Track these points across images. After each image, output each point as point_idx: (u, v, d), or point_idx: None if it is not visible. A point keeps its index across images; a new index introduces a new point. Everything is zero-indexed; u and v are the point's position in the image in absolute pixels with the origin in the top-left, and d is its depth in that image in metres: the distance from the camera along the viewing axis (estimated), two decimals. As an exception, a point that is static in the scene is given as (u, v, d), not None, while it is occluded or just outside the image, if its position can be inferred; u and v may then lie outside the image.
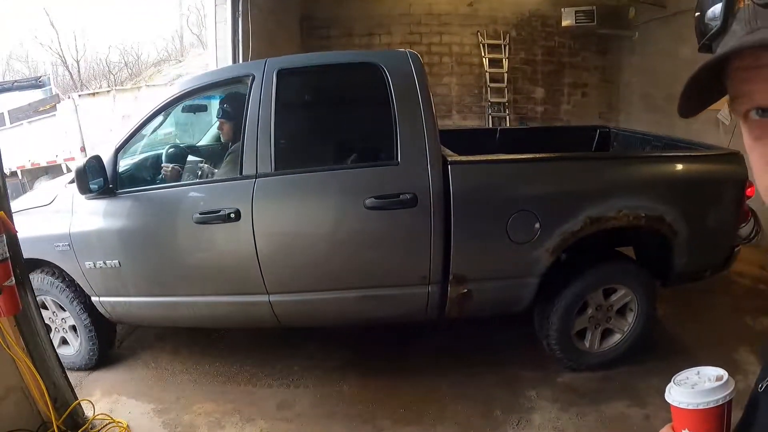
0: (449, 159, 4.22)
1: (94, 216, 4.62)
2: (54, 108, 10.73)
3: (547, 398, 4.53)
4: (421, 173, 4.14)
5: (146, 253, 4.67)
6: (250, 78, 4.43)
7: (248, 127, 4.31)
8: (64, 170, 10.58)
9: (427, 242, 4.19)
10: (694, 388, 1.26)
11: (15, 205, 5.23)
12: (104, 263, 4.61)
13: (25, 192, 11.64)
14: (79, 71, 26.12)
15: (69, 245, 4.66)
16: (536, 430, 4.20)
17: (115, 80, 25.00)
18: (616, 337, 4.76)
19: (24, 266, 3.98)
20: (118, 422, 4.37)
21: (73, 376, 4.67)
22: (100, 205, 4.59)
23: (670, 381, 1.28)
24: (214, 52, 9.16)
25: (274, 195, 4.36)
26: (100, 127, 10.97)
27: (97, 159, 4.44)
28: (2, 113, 11.24)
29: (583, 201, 4.28)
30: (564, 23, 12.43)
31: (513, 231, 4.20)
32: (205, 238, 4.49)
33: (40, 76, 16.36)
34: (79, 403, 4.33)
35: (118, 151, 4.58)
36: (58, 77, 24.95)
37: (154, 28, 49.10)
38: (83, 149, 10.35)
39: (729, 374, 1.26)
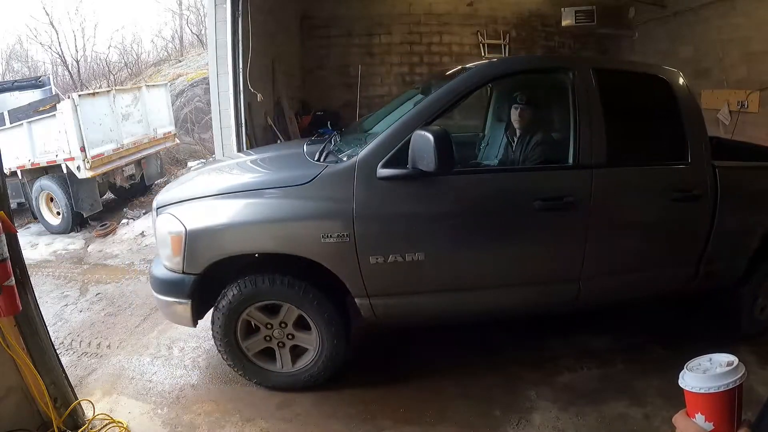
0: (714, 162, 4.74)
1: (398, 201, 4.22)
2: (54, 108, 10.68)
3: (547, 398, 4.54)
4: (703, 173, 4.66)
5: (467, 243, 4.38)
6: (572, 72, 4.60)
7: (581, 118, 4.47)
8: (64, 170, 10.57)
9: (702, 230, 4.74)
10: (706, 373, 1.35)
11: (215, 183, 4.91)
12: (402, 257, 4.22)
13: (25, 192, 11.66)
14: (78, 71, 26.03)
15: (348, 236, 4.12)
16: (536, 430, 4.20)
17: (114, 80, 24.88)
18: None
19: (25, 266, 3.92)
20: (118, 422, 4.36)
21: (73, 376, 4.69)
22: (408, 187, 4.19)
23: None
24: (213, 51, 9.18)
25: (608, 185, 4.50)
26: (100, 127, 10.99)
27: (446, 133, 3.97)
28: (2, 113, 11.22)
29: None
30: (564, 23, 12.49)
31: (745, 220, 4.90)
32: (542, 225, 4.47)
33: (40, 76, 16.31)
34: (79, 403, 4.32)
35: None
36: (58, 77, 24.93)
37: (153, 28, 49.23)
38: (83, 149, 10.31)
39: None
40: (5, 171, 4.64)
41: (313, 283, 4.37)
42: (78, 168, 10.52)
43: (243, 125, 8.90)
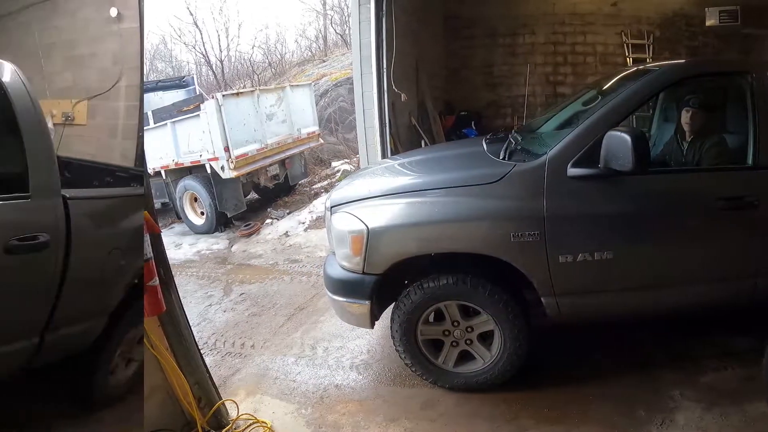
0: None
1: (588, 199, 4.25)
2: (198, 108, 10.86)
3: (690, 398, 4.42)
4: None
5: (655, 241, 4.43)
6: (750, 75, 4.49)
7: (761, 120, 4.34)
8: (208, 170, 10.75)
9: None
10: None
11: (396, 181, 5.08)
12: (591, 255, 4.21)
13: (169, 192, 12.01)
14: (222, 71, 26.63)
15: (539, 235, 4.13)
16: (680, 430, 4.12)
17: (258, 80, 25.20)
18: None
19: (168, 266, 3.99)
20: (262, 422, 4.42)
21: (217, 376, 4.79)
22: (599, 186, 4.22)
23: None
24: (357, 51, 9.26)
25: None
26: (244, 127, 11.18)
27: (643, 134, 4.25)
28: (147, 113, 11.48)
29: None
30: (708, 23, 12.28)
31: None
32: (723, 223, 4.44)
33: (184, 76, 16.64)
34: (223, 403, 4.40)
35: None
36: (202, 77, 25.54)
37: (297, 28, 50.16)
38: (227, 149, 10.47)
39: None
40: (149, 171, 4.75)
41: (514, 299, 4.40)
42: (222, 168, 10.70)
43: (387, 125, 8.95)
